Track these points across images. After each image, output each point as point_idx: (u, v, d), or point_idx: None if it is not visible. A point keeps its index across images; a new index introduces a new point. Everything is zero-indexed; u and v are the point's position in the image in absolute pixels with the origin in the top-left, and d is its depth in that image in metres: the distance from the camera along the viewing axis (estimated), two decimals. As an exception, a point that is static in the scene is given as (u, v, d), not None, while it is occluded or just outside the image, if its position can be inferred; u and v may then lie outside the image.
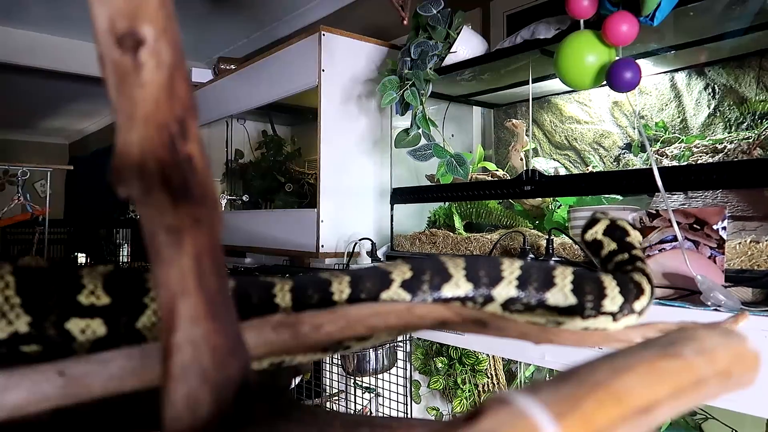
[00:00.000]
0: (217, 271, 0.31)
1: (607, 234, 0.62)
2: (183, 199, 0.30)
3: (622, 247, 0.61)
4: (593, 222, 0.63)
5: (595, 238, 0.62)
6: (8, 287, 0.35)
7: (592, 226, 0.63)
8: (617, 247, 0.61)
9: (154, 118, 0.30)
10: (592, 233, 0.62)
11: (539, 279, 0.47)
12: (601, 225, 0.62)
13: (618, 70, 1.19)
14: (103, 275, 0.37)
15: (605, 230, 0.62)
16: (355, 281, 0.44)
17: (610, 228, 0.62)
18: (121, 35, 0.30)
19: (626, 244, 0.61)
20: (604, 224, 0.62)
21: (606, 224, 0.62)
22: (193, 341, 0.29)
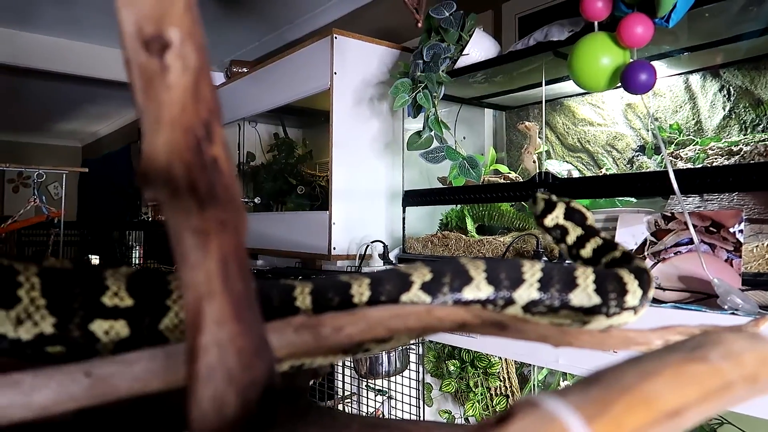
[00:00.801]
0: (242, 273, 0.31)
1: (568, 218, 0.62)
2: (209, 202, 0.31)
3: (588, 232, 0.61)
4: (549, 206, 0.63)
5: (557, 224, 0.62)
6: (34, 288, 0.35)
7: (551, 211, 0.63)
8: (584, 232, 0.61)
9: (181, 122, 0.31)
10: (553, 218, 0.62)
11: (561, 280, 0.47)
12: (559, 209, 0.62)
13: (633, 72, 1.19)
14: (127, 277, 0.38)
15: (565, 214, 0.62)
16: (375, 283, 0.44)
17: (569, 212, 0.62)
18: (148, 39, 0.30)
19: (590, 228, 0.62)
20: (563, 208, 0.63)
21: (564, 208, 0.63)
22: (219, 343, 0.29)
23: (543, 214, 0.63)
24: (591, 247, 0.61)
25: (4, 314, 0.34)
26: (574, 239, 0.62)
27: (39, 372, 0.32)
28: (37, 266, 0.36)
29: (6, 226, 2.86)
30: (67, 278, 0.37)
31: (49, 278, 0.36)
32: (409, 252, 1.95)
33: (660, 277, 1.22)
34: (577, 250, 0.62)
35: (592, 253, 0.61)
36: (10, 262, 0.36)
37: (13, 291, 0.34)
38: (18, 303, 0.34)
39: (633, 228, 1.29)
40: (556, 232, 0.63)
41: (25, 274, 0.35)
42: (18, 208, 3.45)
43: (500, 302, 0.46)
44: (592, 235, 0.61)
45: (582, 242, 0.61)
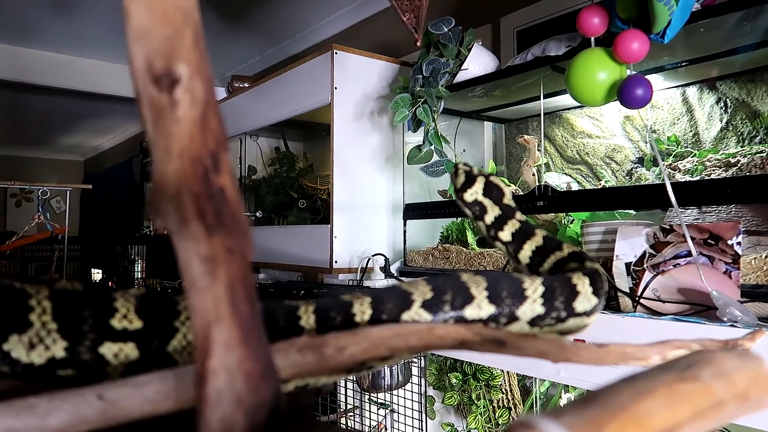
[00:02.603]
0: (249, 298, 0.32)
1: (487, 194, 0.61)
2: (217, 229, 0.32)
3: (505, 212, 0.61)
4: (469, 180, 0.61)
5: (476, 199, 0.61)
6: (45, 313, 0.36)
7: (471, 185, 0.61)
8: (501, 212, 0.61)
9: (189, 152, 0.32)
10: (472, 193, 0.61)
11: (564, 292, 0.48)
12: (479, 184, 0.61)
13: (629, 87, 1.20)
14: (136, 298, 0.39)
15: (483, 190, 0.61)
16: (377, 302, 0.45)
17: (488, 187, 0.61)
18: (158, 75, 0.31)
19: (507, 208, 0.61)
20: (482, 182, 0.61)
21: (483, 183, 0.61)
22: (227, 367, 0.30)
23: (462, 188, 0.61)
24: (509, 231, 0.60)
25: (17, 338, 0.35)
26: (492, 219, 0.61)
27: (53, 395, 0.33)
28: (48, 289, 0.37)
29: (11, 243, 2.88)
30: (77, 301, 0.37)
31: (60, 301, 0.37)
32: (411, 265, 1.96)
33: (659, 290, 1.23)
34: (495, 231, 0.61)
35: (510, 237, 0.60)
36: (23, 285, 0.37)
37: (25, 315, 0.35)
38: (30, 327, 0.35)
39: (632, 240, 1.30)
40: (474, 209, 0.61)
41: (37, 298, 0.36)
42: (21, 223, 3.46)
43: (503, 320, 0.47)
44: (509, 217, 0.61)
45: (500, 224, 0.60)
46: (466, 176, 0.62)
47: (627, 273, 1.29)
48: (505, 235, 0.60)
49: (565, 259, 0.59)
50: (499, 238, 0.61)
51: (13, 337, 0.35)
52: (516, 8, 2.29)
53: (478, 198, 0.61)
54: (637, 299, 1.25)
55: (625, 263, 1.29)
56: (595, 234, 1.44)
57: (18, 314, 0.35)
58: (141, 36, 0.31)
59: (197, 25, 0.33)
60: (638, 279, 1.26)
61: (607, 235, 1.41)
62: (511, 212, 0.61)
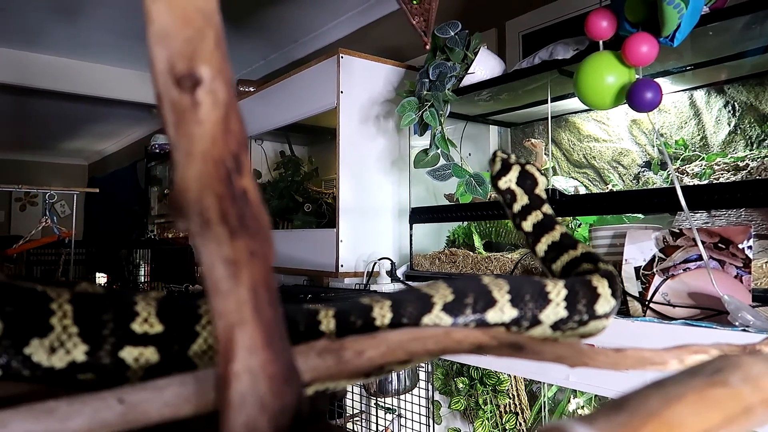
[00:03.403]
0: (271, 301, 0.32)
1: (520, 183, 0.61)
2: (239, 232, 0.31)
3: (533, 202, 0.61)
4: (505, 168, 0.62)
5: (509, 187, 0.61)
6: (66, 316, 0.36)
7: (506, 173, 0.61)
8: (529, 202, 0.61)
9: (211, 154, 0.32)
10: (506, 181, 0.61)
11: (586, 295, 0.48)
12: (513, 172, 0.61)
13: (639, 91, 1.20)
14: (157, 301, 0.38)
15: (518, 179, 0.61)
16: (396, 306, 0.44)
17: (522, 176, 0.61)
18: (180, 76, 0.31)
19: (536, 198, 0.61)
20: (517, 171, 0.61)
21: (518, 171, 0.61)
22: (250, 370, 0.30)
23: (498, 175, 0.62)
24: (531, 222, 0.60)
25: (38, 342, 0.35)
26: (519, 208, 0.61)
27: (73, 399, 0.32)
28: (69, 292, 0.37)
29: (17, 247, 2.88)
30: (98, 304, 0.37)
31: (81, 305, 0.37)
32: (417, 269, 1.95)
33: (669, 294, 1.23)
34: (519, 220, 0.61)
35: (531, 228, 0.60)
36: (44, 288, 0.36)
37: (46, 319, 0.35)
38: (51, 331, 0.35)
39: (641, 244, 1.30)
40: (506, 196, 0.62)
41: (58, 302, 0.36)
42: (25, 227, 3.47)
43: (525, 324, 0.46)
44: (535, 207, 0.61)
45: (525, 213, 0.61)
46: (502, 164, 0.62)
47: (636, 277, 1.28)
48: (527, 225, 0.61)
49: (578, 259, 0.59)
50: (521, 227, 0.61)
51: (34, 341, 0.35)
52: (521, 12, 2.29)
53: (511, 186, 0.61)
54: (647, 303, 1.24)
55: (635, 267, 1.29)
56: (604, 238, 1.43)
57: (39, 318, 0.35)
58: (162, 38, 0.31)
59: (218, 26, 0.33)
60: (648, 283, 1.25)
61: (616, 239, 1.40)
62: (539, 203, 0.61)
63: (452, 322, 0.45)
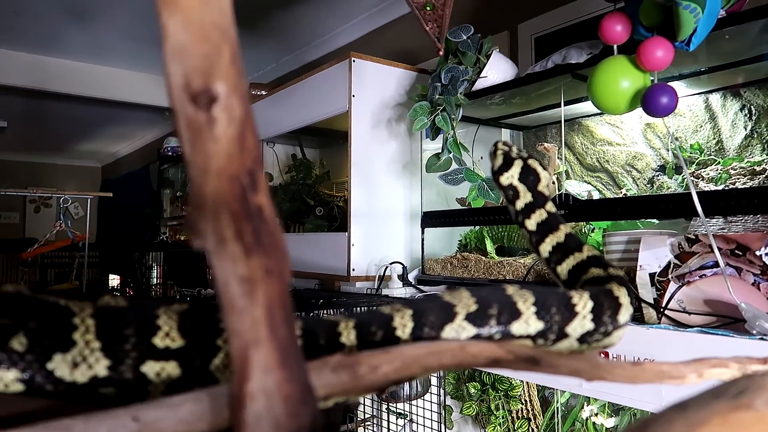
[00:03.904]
0: (287, 319, 0.32)
1: (523, 179, 0.60)
2: (255, 249, 0.31)
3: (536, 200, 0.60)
4: (507, 162, 0.61)
5: (511, 183, 0.61)
6: (88, 331, 0.36)
7: (508, 168, 0.61)
8: (532, 200, 0.60)
9: (227, 171, 0.31)
10: (508, 177, 0.60)
11: (610, 305, 0.48)
12: (516, 168, 0.60)
13: (654, 96, 1.19)
14: (178, 315, 0.38)
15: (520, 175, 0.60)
16: (418, 315, 0.43)
17: (524, 172, 0.60)
18: (195, 93, 0.31)
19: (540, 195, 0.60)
20: (519, 167, 0.61)
21: (520, 167, 0.61)
22: (266, 391, 0.30)
23: (499, 170, 0.61)
24: (535, 221, 0.59)
25: (61, 357, 0.35)
26: (522, 205, 0.60)
27: (89, 417, 0.32)
28: (92, 307, 0.37)
29: (33, 251, 2.91)
30: (120, 319, 0.37)
31: (103, 319, 0.36)
32: (429, 273, 1.94)
33: (684, 301, 1.21)
34: (522, 218, 0.60)
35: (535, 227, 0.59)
36: (67, 302, 0.36)
37: (69, 334, 0.35)
38: (74, 346, 0.35)
39: (656, 250, 1.28)
40: (509, 193, 0.61)
41: (81, 316, 0.36)
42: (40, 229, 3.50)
43: (551, 336, 0.45)
44: (538, 206, 0.60)
45: (528, 211, 0.60)
46: (504, 158, 0.61)
47: (651, 283, 1.27)
48: (531, 224, 0.60)
49: (585, 263, 0.58)
50: (524, 225, 0.60)
51: (57, 356, 0.35)
52: (533, 15, 2.28)
53: (513, 183, 0.60)
54: (662, 310, 1.22)
55: (649, 273, 1.27)
56: (618, 243, 1.42)
57: (62, 333, 0.35)
58: (178, 54, 0.31)
59: (235, 42, 0.32)
60: (663, 290, 1.24)
61: (630, 245, 1.39)
62: (542, 201, 0.60)
63: (476, 333, 0.44)
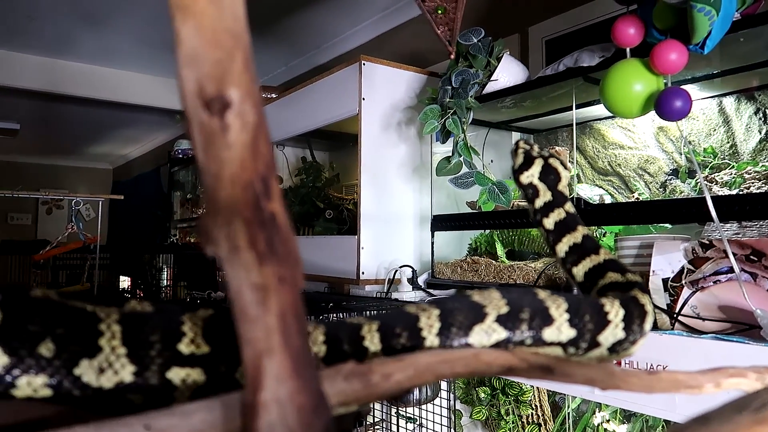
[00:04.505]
0: (300, 328, 0.31)
1: (543, 178, 0.60)
2: (268, 257, 0.31)
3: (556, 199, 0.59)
4: (527, 161, 0.61)
5: (531, 182, 0.60)
6: (114, 337, 0.36)
7: (528, 167, 0.60)
8: (552, 199, 0.60)
9: (240, 178, 0.31)
10: (528, 176, 0.60)
11: (639, 314, 0.47)
12: (536, 167, 0.60)
13: (668, 99, 1.18)
14: (204, 320, 0.38)
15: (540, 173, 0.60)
16: (445, 315, 0.43)
17: (545, 171, 0.60)
18: (209, 99, 0.31)
19: (559, 195, 0.60)
20: (539, 166, 0.60)
21: (541, 166, 0.60)
22: (279, 400, 0.29)
23: (520, 169, 0.60)
24: (553, 219, 0.59)
25: (87, 363, 0.35)
26: (541, 204, 0.60)
27: (100, 424, 0.32)
28: (117, 312, 0.37)
29: (45, 253, 2.93)
30: (145, 324, 0.37)
31: (129, 325, 0.36)
32: (438, 277, 1.94)
33: (698, 307, 1.20)
34: (541, 217, 0.60)
35: (553, 226, 0.59)
36: (94, 308, 0.36)
37: (95, 340, 0.35)
38: (100, 352, 0.35)
39: (669, 255, 1.27)
40: (529, 191, 0.61)
41: (107, 322, 0.36)
42: (52, 230, 3.53)
43: (583, 345, 0.45)
44: (558, 205, 0.59)
45: (547, 210, 0.59)
46: (524, 157, 0.61)
47: (664, 289, 1.25)
48: (549, 223, 0.59)
49: (601, 266, 0.57)
50: (542, 224, 0.60)
51: (83, 362, 0.35)
52: (544, 18, 2.27)
53: (533, 181, 0.60)
54: (676, 316, 1.21)
55: (662, 279, 1.26)
56: (630, 248, 1.41)
57: (89, 339, 0.35)
58: (191, 60, 0.31)
59: (248, 48, 0.32)
60: (676, 295, 1.23)
61: (643, 250, 1.37)
62: (562, 200, 0.60)
63: (506, 336, 0.43)
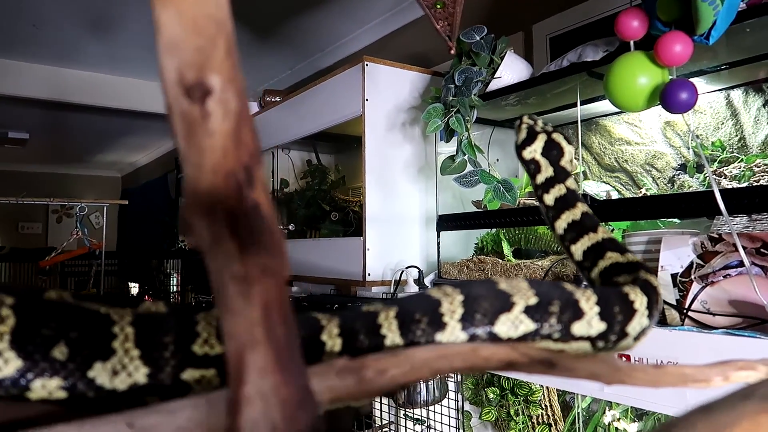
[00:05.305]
0: (285, 320, 0.30)
1: (545, 154, 0.59)
2: (251, 248, 0.30)
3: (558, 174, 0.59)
4: (531, 136, 0.60)
5: (533, 157, 0.59)
6: (128, 340, 0.35)
7: (531, 143, 0.60)
8: (553, 174, 0.59)
9: (222, 167, 0.30)
10: (531, 151, 0.59)
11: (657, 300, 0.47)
12: (539, 142, 0.59)
13: (673, 91, 1.16)
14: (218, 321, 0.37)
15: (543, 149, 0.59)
16: (469, 301, 0.42)
17: (548, 145, 0.59)
18: (189, 86, 0.30)
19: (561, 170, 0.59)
20: (542, 141, 0.60)
21: (544, 140, 0.60)
22: (262, 394, 0.28)
23: (523, 144, 0.60)
24: (554, 195, 0.58)
25: (101, 366, 0.34)
26: (543, 180, 0.59)
27: (83, 423, 0.31)
28: (131, 314, 0.36)
29: (50, 259, 2.95)
30: (159, 326, 0.36)
31: (143, 327, 0.36)
32: (445, 277, 1.92)
33: (708, 302, 1.18)
34: (542, 192, 0.59)
35: (553, 202, 0.58)
36: (108, 310, 0.36)
37: (108, 342, 0.35)
38: (113, 354, 0.35)
39: (678, 250, 1.25)
40: (531, 167, 0.60)
41: (120, 324, 0.36)
42: (62, 238, 3.56)
43: (612, 338, 0.44)
44: (559, 180, 0.59)
45: (548, 186, 0.59)
46: (528, 132, 0.60)
47: (673, 284, 1.23)
48: (549, 199, 0.59)
49: (599, 245, 0.57)
50: (543, 200, 0.59)
51: (97, 365, 0.34)
52: (548, 15, 2.25)
53: (535, 157, 0.59)
54: (685, 312, 1.19)
55: (671, 274, 1.24)
56: (638, 244, 1.39)
57: (102, 341, 0.35)
58: (172, 47, 0.30)
59: (230, 35, 0.31)
60: (685, 291, 1.21)
61: (651, 245, 1.35)
62: (564, 176, 0.59)
63: (534, 329, 0.42)
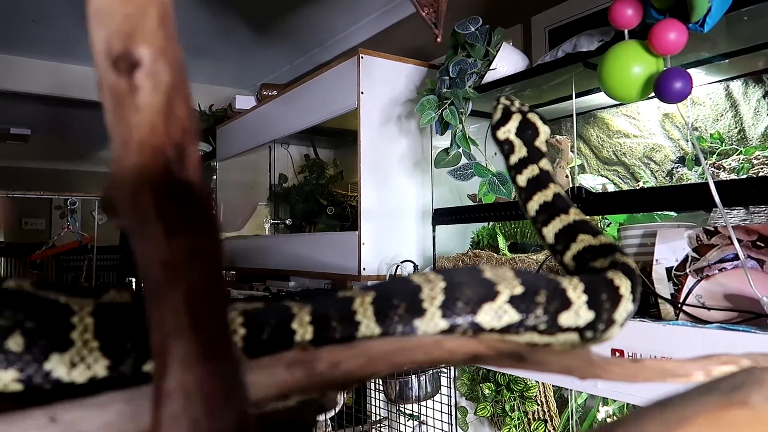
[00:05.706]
0: (214, 309, 0.28)
1: (519, 134, 0.57)
2: (178, 230, 0.28)
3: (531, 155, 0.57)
4: (505, 116, 0.58)
5: (507, 138, 0.58)
6: (87, 330, 0.34)
7: (505, 122, 0.58)
8: (527, 155, 0.57)
9: (150, 144, 0.28)
10: (505, 131, 0.58)
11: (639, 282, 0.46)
12: (513, 122, 0.58)
13: (667, 81, 1.13)
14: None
15: (517, 129, 0.57)
16: (451, 288, 0.39)
17: (522, 126, 0.57)
18: (116, 57, 0.28)
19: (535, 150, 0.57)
20: (517, 121, 0.58)
21: (518, 120, 0.58)
22: (184, 388, 0.26)
23: (497, 125, 0.58)
24: (526, 176, 0.56)
25: (58, 357, 0.33)
26: (516, 160, 0.57)
27: (3, 417, 0.29)
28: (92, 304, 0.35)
29: (40, 252, 2.94)
30: (120, 317, 0.35)
31: (103, 317, 0.34)
32: (440, 272, 1.90)
33: (703, 296, 1.15)
34: (515, 173, 0.57)
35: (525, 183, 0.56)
36: (68, 299, 0.34)
37: (66, 333, 0.33)
38: (71, 346, 0.33)
39: (673, 243, 1.23)
40: (505, 147, 0.58)
41: (80, 315, 0.34)
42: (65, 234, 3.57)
43: (601, 327, 0.43)
44: (532, 161, 0.57)
45: (521, 167, 0.57)
46: (503, 112, 0.58)
47: (668, 278, 1.21)
48: (522, 180, 0.56)
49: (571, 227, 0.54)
50: (516, 181, 0.57)
51: (54, 356, 0.33)
52: (547, 7, 2.22)
53: (509, 137, 0.57)
54: (680, 306, 1.17)
55: (666, 268, 1.22)
56: (634, 237, 1.36)
57: (60, 332, 0.33)
58: (100, 15, 0.28)
59: (166, 3, 0.29)
60: (680, 285, 1.18)
61: (646, 239, 1.33)
62: (537, 157, 0.57)
63: (519, 319, 0.40)
